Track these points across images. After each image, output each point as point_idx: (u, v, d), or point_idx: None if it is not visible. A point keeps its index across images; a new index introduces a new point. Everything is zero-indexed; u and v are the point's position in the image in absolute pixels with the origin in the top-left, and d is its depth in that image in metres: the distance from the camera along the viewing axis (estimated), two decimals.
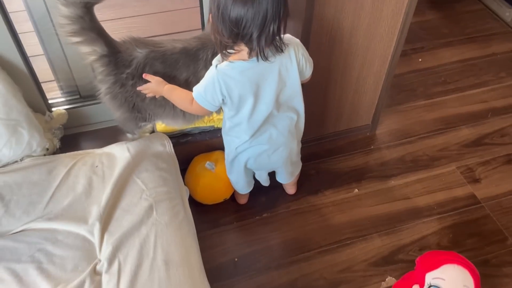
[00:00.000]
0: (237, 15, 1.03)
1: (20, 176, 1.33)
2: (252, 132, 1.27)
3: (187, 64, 1.29)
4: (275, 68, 1.17)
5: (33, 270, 1.14)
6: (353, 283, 1.44)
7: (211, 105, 1.21)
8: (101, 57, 1.26)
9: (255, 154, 1.35)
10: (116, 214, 1.26)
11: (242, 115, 1.23)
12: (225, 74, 1.15)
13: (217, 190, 1.57)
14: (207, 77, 1.19)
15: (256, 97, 1.19)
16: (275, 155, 1.36)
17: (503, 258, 1.51)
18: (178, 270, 1.15)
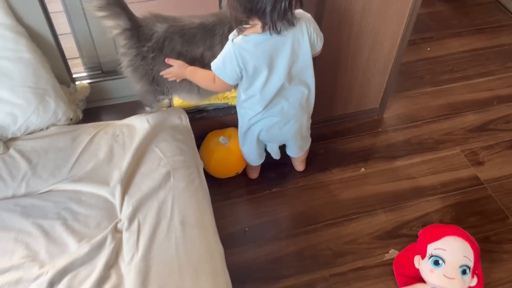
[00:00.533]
0: None
1: (47, 142, 1.41)
2: (264, 103, 1.34)
3: (204, 39, 1.36)
4: (288, 41, 1.24)
5: (59, 226, 1.22)
6: (357, 254, 1.51)
7: (231, 78, 1.29)
8: (124, 31, 1.33)
9: (267, 125, 1.42)
10: (136, 179, 1.34)
11: (256, 86, 1.30)
12: (241, 47, 1.22)
13: (230, 164, 1.64)
14: (225, 51, 1.26)
15: (270, 69, 1.27)
16: (286, 128, 1.43)
17: (503, 236, 1.57)
18: (193, 230, 1.23)
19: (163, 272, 1.14)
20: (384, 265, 1.48)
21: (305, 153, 1.66)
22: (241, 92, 1.37)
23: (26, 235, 1.20)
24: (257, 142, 1.50)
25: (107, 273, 1.14)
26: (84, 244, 1.18)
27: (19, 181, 1.31)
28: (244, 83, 1.32)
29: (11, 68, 1.32)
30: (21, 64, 1.33)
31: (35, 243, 1.19)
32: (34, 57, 1.36)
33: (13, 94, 1.34)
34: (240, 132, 1.52)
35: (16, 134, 1.41)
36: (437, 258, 1.36)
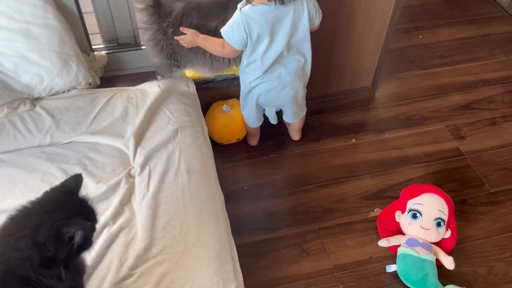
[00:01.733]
0: None
1: (68, 102, 1.58)
2: (264, 69, 1.50)
3: (218, 13, 1.52)
4: (290, 13, 1.40)
5: (80, 170, 1.39)
6: (345, 212, 1.66)
7: (237, 43, 1.44)
8: (148, 7, 1.50)
9: (265, 90, 1.58)
10: (147, 134, 1.51)
11: (257, 52, 1.47)
12: (247, 15, 1.39)
13: (232, 130, 1.81)
14: (233, 18, 1.42)
15: (271, 37, 1.43)
16: (283, 93, 1.60)
17: (479, 200, 1.71)
18: (197, 177, 1.39)
19: (170, 209, 1.30)
20: (369, 221, 1.63)
21: (301, 122, 1.82)
22: (244, 58, 1.53)
23: (51, 176, 1.37)
24: (256, 105, 1.66)
25: (121, 209, 1.30)
26: (101, 185, 1.35)
27: (44, 133, 1.48)
28: (248, 49, 1.48)
29: (39, 32, 1.49)
30: (48, 30, 1.50)
31: (58, 183, 1.35)
32: (60, 24, 1.53)
33: (41, 57, 1.51)
34: (241, 95, 1.68)
35: (42, 94, 1.58)
36: (415, 212, 1.51)
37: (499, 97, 2.11)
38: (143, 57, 1.83)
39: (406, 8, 2.59)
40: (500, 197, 1.72)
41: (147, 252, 1.21)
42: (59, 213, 0.94)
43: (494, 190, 1.74)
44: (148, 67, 1.85)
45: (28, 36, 1.47)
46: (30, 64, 1.50)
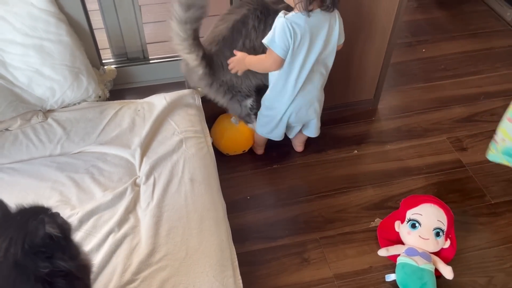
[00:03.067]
0: None
1: (79, 113, 1.65)
2: (301, 83, 1.54)
3: (239, 31, 1.57)
4: (326, 24, 1.45)
5: (88, 178, 1.45)
6: (346, 221, 1.69)
7: (282, 49, 1.45)
8: (202, 59, 1.57)
9: (296, 109, 1.62)
10: (153, 144, 1.56)
11: (295, 65, 1.50)
12: (292, 21, 1.42)
13: (239, 142, 1.85)
14: (278, 26, 1.43)
15: (309, 48, 1.46)
16: (311, 109, 1.65)
17: (480, 210, 1.73)
18: (200, 186, 1.44)
19: (173, 217, 1.35)
20: (370, 231, 1.66)
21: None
22: (274, 84, 1.59)
23: (60, 184, 1.43)
24: (285, 124, 1.69)
25: (126, 216, 1.36)
26: (108, 193, 1.40)
27: (55, 143, 1.55)
28: (286, 62, 1.50)
29: (52, 48, 1.56)
30: (61, 46, 1.58)
31: (67, 191, 1.42)
32: (72, 40, 1.60)
33: (53, 71, 1.58)
34: (268, 125, 1.72)
35: (53, 107, 1.65)
36: (414, 222, 1.53)
37: (501, 109, 2.12)
38: (151, 71, 1.91)
39: (410, 22, 2.64)
40: (501, 208, 1.73)
41: (150, 257, 1.25)
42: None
43: (494, 201, 1.76)
44: (155, 80, 1.92)
45: (42, 51, 1.55)
46: (43, 78, 1.58)
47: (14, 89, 1.56)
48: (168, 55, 1.97)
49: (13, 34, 1.52)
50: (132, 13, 1.80)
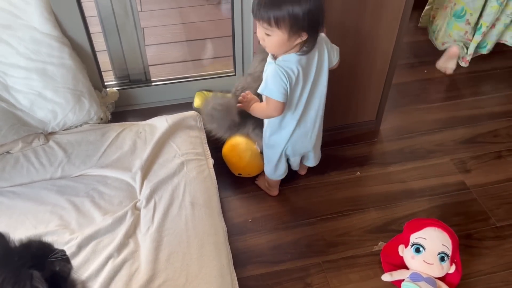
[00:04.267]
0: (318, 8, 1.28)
1: (80, 136, 1.65)
2: (298, 117, 1.49)
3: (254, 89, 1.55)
4: (316, 54, 1.41)
5: (88, 202, 1.44)
6: (349, 245, 1.66)
7: (280, 94, 1.37)
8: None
9: (293, 142, 1.56)
10: (154, 167, 1.56)
11: (293, 102, 1.45)
12: (284, 65, 1.35)
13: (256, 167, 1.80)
14: (271, 74, 1.36)
15: (305, 82, 1.42)
16: (312, 137, 1.60)
17: (485, 234, 1.70)
18: (201, 209, 1.43)
19: (173, 241, 1.34)
20: (373, 255, 1.63)
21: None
22: (273, 124, 1.54)
23: (60, 208, 1.42)
24: (285, 157, 1.65)
25: (126, 241, 1.34)
26: (108, 217, 1.39)
27: (56, 166, 1.55)
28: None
29: (55, 71, 1.58)
30: (63, 69, 1.59)
31: (67, 215, 1.41)
32: (75, 63, 1.62)
33: (55, 94, 1.59)
34: (270, 163, 1.67)
35: (55, 129, 1.65)
36: (418, 246, 1.51)
37: (504, 130, 2.12)
38: (154, 93, 1.92)
39: (412, 43, 2.65)
40: (506, 232, 1.70)
41: (150, 284, 1.24)
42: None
43: (500, 224, 1.73)
44: (157, 102, 1.93)
45: (44, 74, 1.56)
46: (45, 101, 1.58)
47: (16, 112, 1.57)
48: (170, 77, 1.99)
49: (16, 58, 1.53)
50: (134, 35, 1.82)
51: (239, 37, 1.84)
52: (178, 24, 2.57)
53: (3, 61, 1.54)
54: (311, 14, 1.26)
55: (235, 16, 1.78)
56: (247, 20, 1.78)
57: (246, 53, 1.89)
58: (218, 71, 2.00)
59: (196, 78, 1.95)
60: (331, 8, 1.62)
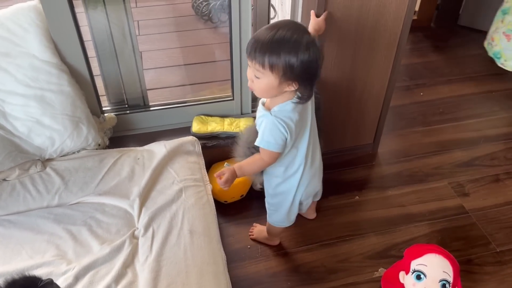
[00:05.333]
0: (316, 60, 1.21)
1: (78, 163, 1.64)
2: (305, 161, 1.42)
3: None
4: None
5: (85, 231, 1.42)
6: (349, 271, 1.65)
7: (278, 146, 1.30)
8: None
9: (310, 181, 1.49)
10: (152, 194, 1.54)
11: (299, 148, 1.39)
12: (282, 115, 1.28)
13: (235, 187, 1.80)
14: (268, 126, 1.29)
15: (305, 126, 1.37)
16: (320, 173, 1.57)
17: (485, 259, 1.69)
18: (200, 238, 1.41)
19: (172, 271, 1.31)
20: (373, 282, 1.62)
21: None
22: (280, 173, 1.45)
23: (57, 237, 1.40)
24: (297, 202, 1.55)
25: (124, 271, 1.32)
26: (105, 247, 1.37)
27: (53, 194, 1.53)
28: (286, 151, 1.37)
29: (53, 98, 1.57)
30: (62, 96, 1.58)
31: (64, 245, 1.39)
32: (73, 90, 1.61)
33: (53, 121, 1.58)
34: (281, 211, 1.56)
35: (52, 156, 1.64)
36: (419, 273, 1.49)
37: (501, 153, 2.13)
38: (152, 118, 1.91)
39: (407, 66, 2.68)
40: (507, 257, 1.70)
41: None
42: None
43: (500, 249, 1.72)
44: (155, 127, 1.92)
45: (43, 101, 1.56)
46: (43, 128, 1.57)
47: (14, 139, 1.56)
48: (168, 101, 1.99)
49: (15, 85, 1.53)
50: (132, 59, 1.82)
51: (237, 61, 1.85)
52: (176, 48, 2.59)
53: (1, 88, 1.53)
54: (306, 66, 1.20)
55: (233, 40, 1.79)
56: (245, 44, 1.79)
57: (244, 77, 1.89)
58: (216, 96, 2.01)
59: (194, 102, 1.96)
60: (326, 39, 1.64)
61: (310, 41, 1.21)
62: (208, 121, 1.91)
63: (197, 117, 1.92)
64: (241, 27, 1.74)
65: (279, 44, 1.18)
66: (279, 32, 1.19)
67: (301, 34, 1.21)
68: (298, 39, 1.19)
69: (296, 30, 1.21)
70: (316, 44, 1.22)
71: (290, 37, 1.18)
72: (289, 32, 1.19)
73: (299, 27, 1.23)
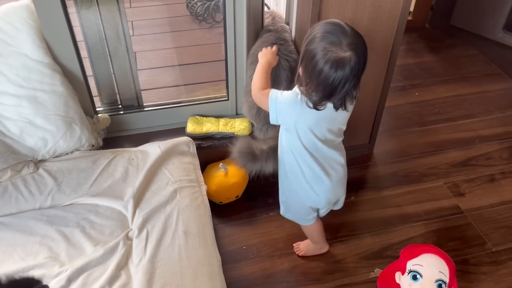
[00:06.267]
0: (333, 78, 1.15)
1: (71, 164, 1.62)
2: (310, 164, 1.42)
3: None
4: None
5: (78, 232, 1.41)
6: (345, 272, 1.64)
7: (274, 113, 1.30)
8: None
9: (321, 190, 1.49)
10: (146, 195, 1.53)
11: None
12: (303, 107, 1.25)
13: (231, 188, 1.81)
14: (291, 97, 1.27)
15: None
16: (342, 185, 1.58)
17: (481, 259, 1.69)
18: (194, 239, 1.40)
19: (166, 273, 1.30)
20: (369, 282, 1.61)
21: None
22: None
23: (50, 239, 1.38)
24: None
25: (117, 273, 1.30)
26: (99, 248, 1.35)
27: (46, 195, 1.51)
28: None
29: (46, 98, 1.55)
30: (54, 96, 1.57)
31: (57, 246, 1.37)
32: (66, 90, 1.60)
33: (46, 121, 1.56)
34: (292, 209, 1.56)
35: (45, 157, 1.62)
36: (415, 273, 1.48)
37: (496, 153, 2.13)
38: (146, 119, 1.90)
39: (402, 66, 2.68)
40: (502, 257, 1.69)
41: None
42: None
43: (495, 249, 1.72)
44: (150, 127, 1.91)
45: (35, 102, 1.54)
46: (36, 128, 1.56)
47: (5, 140, 1.54)
48: (163, 101, 1.98)
49: (7, 85, 1.51)
50: (126, 59, 1.81)
51: (232, 61, 1.84)
52: (171, 48, 2.57)
53: None
54: (318, 72, 1.18)
55: (228, 41, 1.78)
56: (240, 44, 1.79)
57: (239, 78, 1.88)
58: (211, 96, 2.00)
59: (189, 103, 1.94)
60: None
61: (351, 61, 1.15)
62: (203, 121, 1.90)
63: (192, 117, 1.91)
64: (236, 27, 1.73)
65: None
66: (353, 31, 1.18)
67: (357, 50, 1.16)
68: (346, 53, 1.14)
69: (362, 46, 1.18)
70: (351, 69, 1.16)
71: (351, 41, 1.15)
72: (357, 39, 1.17)
73: (364, 50, 1.19)
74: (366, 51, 1.20)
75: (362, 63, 1.19)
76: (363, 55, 1.18)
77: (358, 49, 1.16)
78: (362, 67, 1.19)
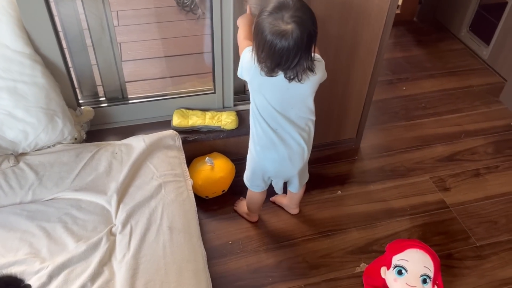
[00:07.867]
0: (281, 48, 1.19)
1: (53, 157, 1.58)
2: (267, 125, 1.43)
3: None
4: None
5: (60, 228, 1.37)
6: (331, 267, 1.64)
7: (240, 67, 1.38)
8: None
9: (272, 155, 1.51)
10: (130, 190, 1.50)
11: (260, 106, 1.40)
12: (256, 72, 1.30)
13: (217, 182, 1.79)
14: (251, 59, 1.30)
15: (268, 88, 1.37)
16: (296, 162, 1.58)
17: (465, 254, 1.70)
18: (179, 234, 1.38)
19: (150, 269, 1.28)
20: (355, 277, 1.61)
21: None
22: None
23: (30, 235, 1.35)
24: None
25: (100, 269, 1.28)
26: (81, 244, 1.33)
27: (27, 190, 1.47)
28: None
29: (26, 90, 1.51)
30: (35, 88, 1.52)
31: (37, 242, 1.34)
32: (47, 82, 1.55)
33: (27, 114, 1.52)
34: (249, 170, 1.58)
35: (26, 150, 1.58)
36: (400, 268, 1.49)
37: (481, 148, 2.14)
38: (130, 111, 1.86)
39: (389, 60, 2.68)
40: (486, 251, 1.71)
41: None
42: None
43: (479, 243, 1.74)
44: (134, 120, 1.87)
45: (15, 93, 1.49)
46: (16, 121, 1.51)
47: None
48: (148, 94, 1.94)
49: None
50: (110, 51, 1.76)
51: (219, 53, 1.81)
52: (157, 39, 2.53)
53: None
54: (260, 31, 1.23)
55: (214, 32, 1.75)
56: (227, 36, 1.75)
57: (226, 70, 1.86)
58: (198, 89, 1.97)
59: (175, 95, 1.91)
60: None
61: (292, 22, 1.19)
62: (189, 114, 1.87)
63: (178, 110, 1.87)
64: (223, 18, 1.70)
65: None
66: (298, 4, 1.21)
67: (299, 13, 1.19)
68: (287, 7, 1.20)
69: (307, 19, 1.21)
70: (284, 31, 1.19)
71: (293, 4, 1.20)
72: (300, 12, 1.20)
73: (309, 22, 1.22)
74: (311, 23, 1.22)
75: (306, 35, 1.20)
76: (307, 27, 1.20)
77: (301, 21, 1.19)
78: (307, 39, 1.21)
